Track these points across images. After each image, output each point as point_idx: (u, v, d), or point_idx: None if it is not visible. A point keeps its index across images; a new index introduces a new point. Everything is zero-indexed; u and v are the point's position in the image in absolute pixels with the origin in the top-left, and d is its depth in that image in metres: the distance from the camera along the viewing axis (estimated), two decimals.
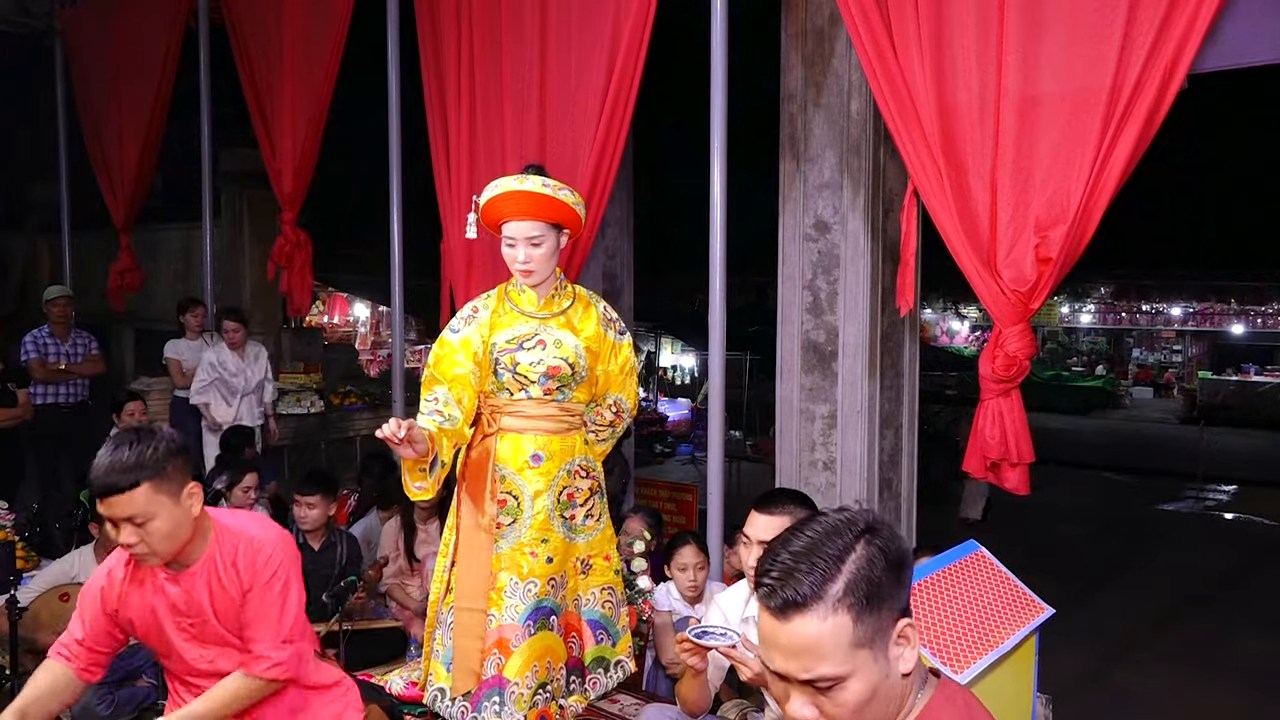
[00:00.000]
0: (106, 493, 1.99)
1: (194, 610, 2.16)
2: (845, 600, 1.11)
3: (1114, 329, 26.52)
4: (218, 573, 2.16)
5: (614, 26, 3.77)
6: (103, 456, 2.03)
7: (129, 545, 2.03)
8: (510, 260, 2.75)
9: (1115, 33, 2.69)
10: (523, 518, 2.79)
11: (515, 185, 2.70)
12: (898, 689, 1.17)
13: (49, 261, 8.71)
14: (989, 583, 2.40)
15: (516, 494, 2.80)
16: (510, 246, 2.73)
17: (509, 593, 2.77)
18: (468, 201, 4.49)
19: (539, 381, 2.77)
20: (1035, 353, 3.02)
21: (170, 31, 6.20)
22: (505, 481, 2.80)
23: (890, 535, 1.17)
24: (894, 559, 1.15)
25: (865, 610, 1.12)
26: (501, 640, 2.74)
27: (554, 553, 2.83)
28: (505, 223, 2.72)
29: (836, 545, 1.14)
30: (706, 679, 2.57)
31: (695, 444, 12.91)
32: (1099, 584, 7.04)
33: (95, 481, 2.00)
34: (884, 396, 3.96)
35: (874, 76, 3.13)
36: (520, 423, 2.81)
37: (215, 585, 2.15)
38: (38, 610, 3.59)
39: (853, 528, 1.16)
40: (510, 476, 2.80)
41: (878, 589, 1.13)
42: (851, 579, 1.12)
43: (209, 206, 6.41)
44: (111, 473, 2.00)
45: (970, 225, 2.97)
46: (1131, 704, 4.90)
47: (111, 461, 2.01)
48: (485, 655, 2.75)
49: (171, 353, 6.14)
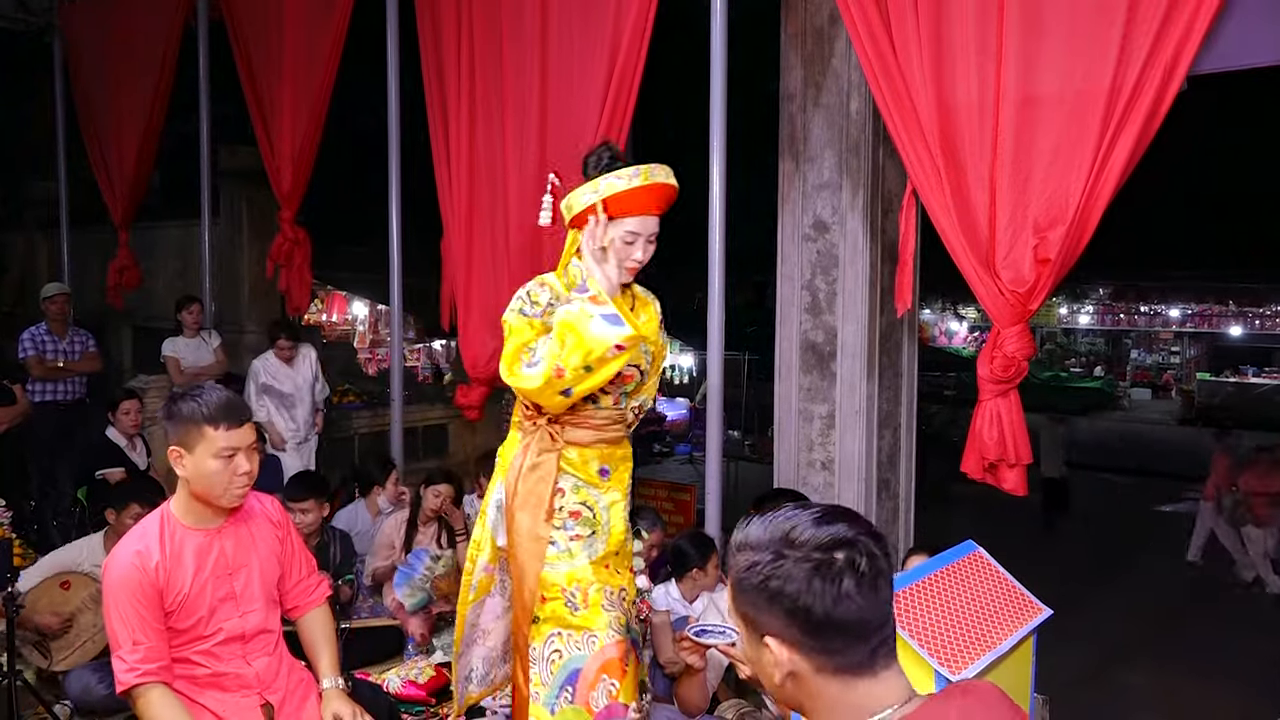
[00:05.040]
0: (242, 421, 2.21)
1: (242, 559, 2.30)
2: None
3: (1112, 330, 26.54)
4: (247, 523, 2.35)
5: (614, 25, 3.76)
6: (214, 395, 2.22)
7: (250, 472, 2.23)
8: (623, 256, 2.41)
9: (1114, 34, 2.69)
10: (600, 529, 2.53)
11: (665, 179, 2.40)
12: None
13: (47, 259, 8.70)
14: (987, 583, 2.40)
15: (591, 504, 2.53)
16: (629, 242, 2.41)
17: (607, 605, 2.48)
18: (468, 201, 4.52)
19: (611, 391, 2.51)
20: (1033, 354, 3.02)
21: (169, 28, 6.19)
22: (579, 492, 2.51)
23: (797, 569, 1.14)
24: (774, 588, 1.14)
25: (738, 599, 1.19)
26: (609, 662, 2.43)
27: (630, 559, 2.66)
28: (636, 216, 2.40)
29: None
30: (705, 678, 2.57)
31: (693, 444, 12.91)
32: (1097, 585, 7.05)
33: (228, 413, 2.19)
34: (882, 397, 3.96)
35: (873, 77, 3.13)
36: (587, 435, 2.51)
37: (252, 533, 2.35)
38: (38, 595, 3.62)
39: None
40: (584, 487, 2.52)
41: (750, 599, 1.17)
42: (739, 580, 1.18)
43: (207, 204, 6.40)
44: (235, 406, 2.24)
45: (969, 226, 2.97)
46: (1129, 704, 4.90)
47: (228, 399, 2.24)
48: (593, 685, 2.42)
49: (169, 350, 6.12)
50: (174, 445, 2.19)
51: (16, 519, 4.59)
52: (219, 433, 2.16)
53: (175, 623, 2.20)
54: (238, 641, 2.28)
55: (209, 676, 2.26)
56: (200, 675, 2.25)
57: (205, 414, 2.16)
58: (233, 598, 2.28)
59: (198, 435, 2.16)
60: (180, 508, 2.27)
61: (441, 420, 8.19)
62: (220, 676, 2.27)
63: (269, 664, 2.34)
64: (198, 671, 2.25)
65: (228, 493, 2.22)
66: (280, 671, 2.38)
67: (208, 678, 2.26)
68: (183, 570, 2.20)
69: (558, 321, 2.28)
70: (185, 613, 2.21)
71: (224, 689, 2.27)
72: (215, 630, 2.25)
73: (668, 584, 3.50)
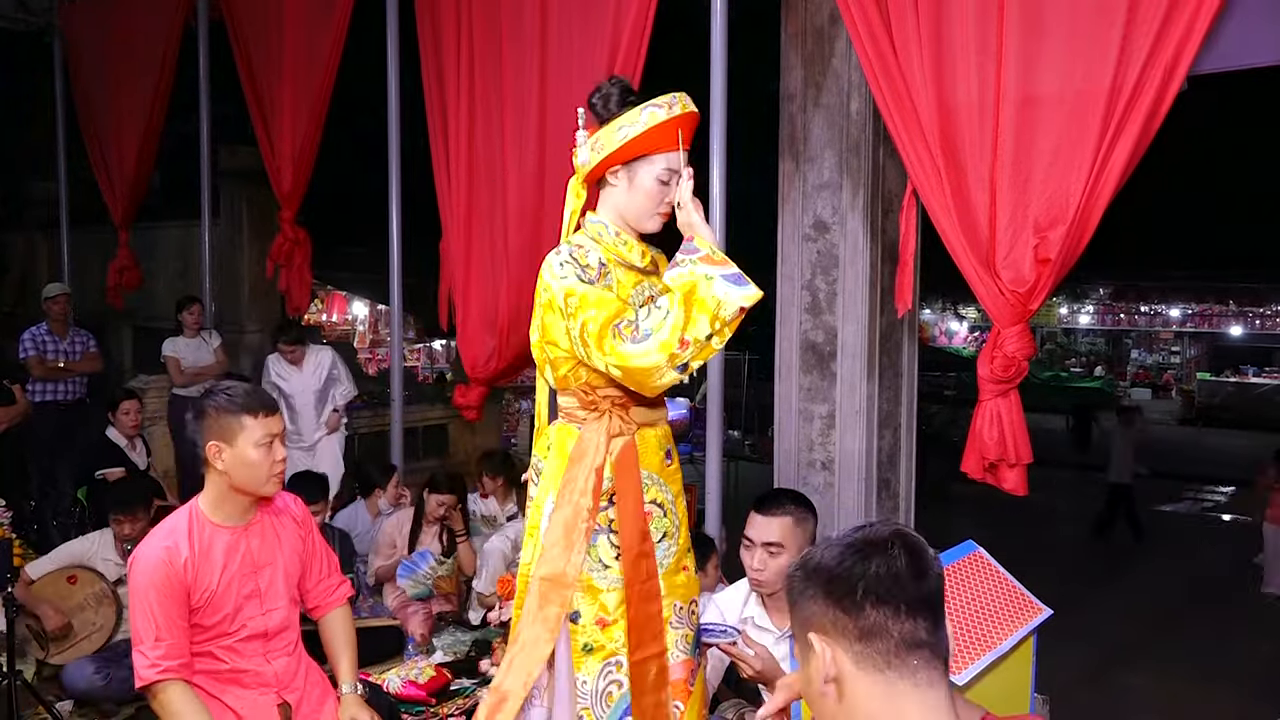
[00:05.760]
0: (275, 409, 2.32)
1: (268, 556, 2.33)
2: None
3: (1113, 330, 26.52)
4: (272, 521, 2.39)
5: (614, 25, 3.76)
6: (242, 387, 2.35)
7: (285, 460, 2.32)
8: (656, 199, 2.16)
9: (1115, 34, 2.69)
10: (673, 531, 2.24)
11: (691, 106, 2.16)
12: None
13: (47, 259, 8.70)
14: (987, 584, 2.40)
15: (662, 503, 2.23)
16: (665, 181, 2.15)
17: (675, 623, 2.22)
18: (467, 200, 4.51)
19: None
20: (1034, 353, 3.02)
21: (169, 28, 6.19)
22: (649, 490, 2.20)
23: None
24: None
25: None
26: (675, 683, 2.20)
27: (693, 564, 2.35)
28: (668, 151, 2.14)
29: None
30: (705, 677, 2.57)
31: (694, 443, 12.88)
32: (1097, 585, 7.05)
33: (262, 401, 2.29)
34: (882, 397, 3.95)
35: (873, 77, 3.13)
36: (652, 414, 2.23)
37: (278, 530, 2.38)
38: (44, 586, 3.66)
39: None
40: (653, 483, 2.22)
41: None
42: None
43: (207, 204, 6.41)
44: (266, 395, 2.36)
45: (969, 226, 2.97)
46: (1129, 704, 4.90)
47: (257, 388, 2.40)
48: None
49: (170, 351, 6.12)
50: (212, 441, 2.22)
51: (16, 519, 4.59)
52: (258, 421, 2.23)
53: (201, 619, 2.21)
54: (260, 639, 2.31)
55: (230, 673, 2.28)
56: (222, 671, 2.27)
57: (242, 404, 2.23)
58: (257, 595, 2.30)
59: (237, 426, 2.21)
60: (210, 504, 2.30)
61: (441, 420, 8.20)
62: (241, 673, 2.29)
63: (288, 664, 2.37)
64: (219, 667, 2.26)
65: (269, 481, 2.28)
66: (299, 672, 2.40)
67: (229, 674, 2.28)
68: (211, 567, 2.22)
69: (678, 287, 1.97)
70: (211, 609, 2.22)
71: (244, 686, 2.29)
72: (239, 627, 2.27)
73: None
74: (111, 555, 3.83)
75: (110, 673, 3.41)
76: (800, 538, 2.56)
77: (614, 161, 2.16)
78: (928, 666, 1.14)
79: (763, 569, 2.56)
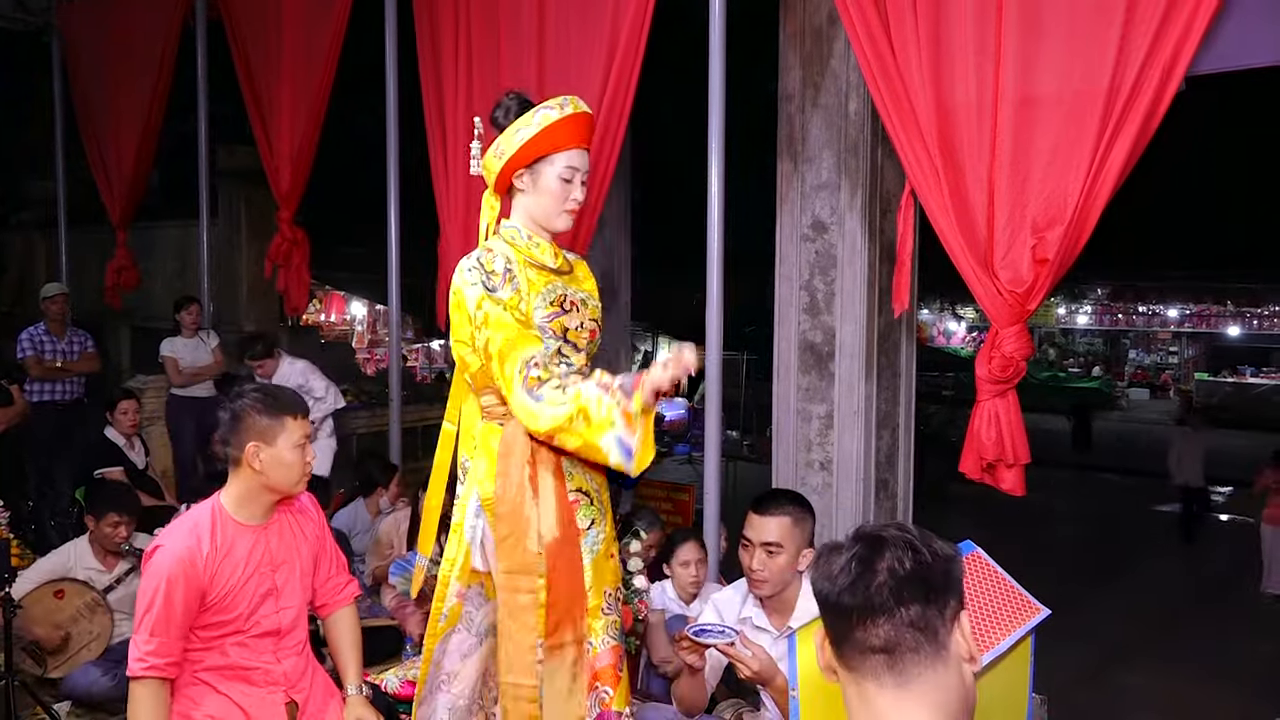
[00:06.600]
0: (307, 411, 2.36)
1: (286, 554, 2.35)
2: None
3: (1110, 330, 26.53)
4: (291, 520, 2.42)
5: (612, 24, 3.76)
6: (274, 389, 2.43)
7: (313, 459, 2.37)
8: (560, 198, 2.29)
9: (1113, 34, 2.69)
10: (599, 518, 2.33)
11: (583, 107, 2.31)
12: None
13: (45, 258, 8.69)
14: (985, 583, 2.40)
15: (588, 490, 2.32)
16: (568, 180, 2.29)
17: (605, 609, 2.30)
18: (465, 201, 4.51)
19: (585, 349, 2.35)
20: (1032, 354, 3.03)
21: (167, 28, 6.18)
22: (573, 478, 2.29)
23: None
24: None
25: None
26: (603, 669, 2.28)
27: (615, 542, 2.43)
28: (570, 150, 2.28)
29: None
30: (703, 678, 2.57)
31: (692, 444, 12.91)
32: (1095, 585, 7.05)
33: (298, 404, 2.34)
34: (881, 397, 3.96)
35: (872, 77, 3.13)
36: None
37: (295, 529, 2.41)
38: (30, 605, 3.56)
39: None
40: (576, 471, 2.30)
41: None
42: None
43: (206, 204, 6.39)
44: (298, 397, 2.41)
45: (967, 226, 2.97)
46: (1128, 704, 4.91)
47: (288, 390, 2.48)
48: (587, 692, 2.27)
49: (168, 351, 6.12)
50: (253, 443, 2.23)
51: (14, 519, 4.57)
52: (297, 422, 2.29)
53: (216, 615, 2.23)
54: (272, 636, 2.32)
55: (239, 669, 2.29)
56: (230, 667, 2.28)
57: (284, 406, 2.29)
58: (274, 593, 2.32)
59: (279, 428, 2.25)
60: (234, 502, 2.31)
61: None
62: (250, 670, 2.30)
63: (296, 663, 2.38)
64: (228, 662, 2.27)
65: (301, 480, 2.33)
66: (306, 672, 2.42)
67: (237, 670, 2.28)
68: (231, 564, 2.24)
69: (579, 401, 2.09)
70: (228, 606, 2.24)
71: (252, 683, 2.30)
72: (253, 624, 2.29)
73: (663, 583, 3.51)
74: (92, 564, 3.76)
75: (118, 674, 3.39)
76: (798, 538, 2.56)
77: (517, 165, 2.29)
78: (893, 671, 1.16)
79: (761, 569, 2.56)
